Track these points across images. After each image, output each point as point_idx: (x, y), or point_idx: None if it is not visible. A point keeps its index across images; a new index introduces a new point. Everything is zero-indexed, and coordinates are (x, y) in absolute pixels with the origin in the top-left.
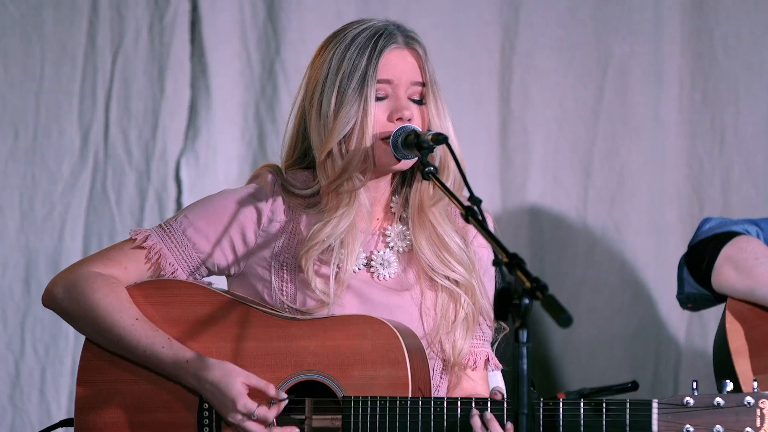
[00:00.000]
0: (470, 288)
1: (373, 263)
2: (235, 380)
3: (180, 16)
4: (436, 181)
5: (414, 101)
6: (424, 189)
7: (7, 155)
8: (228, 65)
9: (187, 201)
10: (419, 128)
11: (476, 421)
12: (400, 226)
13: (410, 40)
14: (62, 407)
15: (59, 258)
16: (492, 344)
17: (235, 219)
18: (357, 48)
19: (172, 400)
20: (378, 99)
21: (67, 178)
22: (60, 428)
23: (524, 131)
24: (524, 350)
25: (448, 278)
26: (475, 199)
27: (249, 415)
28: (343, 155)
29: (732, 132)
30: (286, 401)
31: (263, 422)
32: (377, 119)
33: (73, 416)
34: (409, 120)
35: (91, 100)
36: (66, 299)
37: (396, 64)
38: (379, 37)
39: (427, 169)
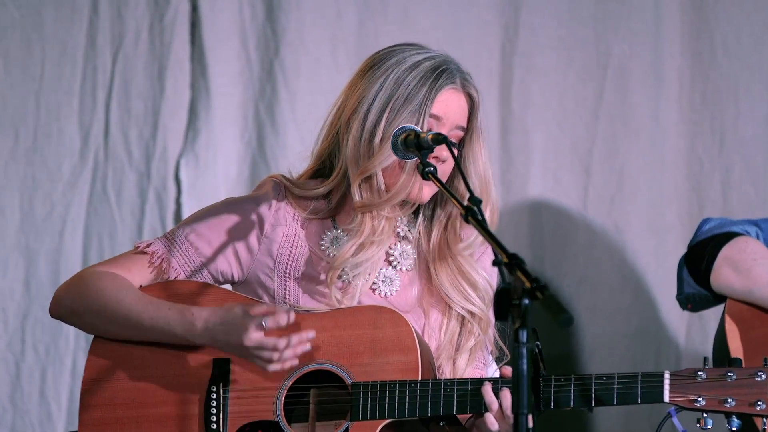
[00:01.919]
0: (485, 320)
1: (375, 280)
2: (237, 306)
3: (180, 17)
4: (435, 182)
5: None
6: (453, 232)
7: (7, 155)
8: (228, 66)
9: (186, 201)
10: (418, 128)
11: (488, 391)
12: (404, 246)
13: (466, 84)
14: (62, 407)
15: (59, 258)
16: (497, 361)
17: (238, 225)
18: (418, 76)
19: (177, 394)
20: None
21: (67, 178)
22: None
23: (524, 131)
24: (524, 350)
25: (463, 308)
26: (474, 200)
27: (261, 326)
28: (387, 182)
29: (732, 132)
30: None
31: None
32: None
33: (75, 417)
34: (443, 162)
35: (91, 101)
36: (71, 297)
37: (449, 104)
38: (442, 72)
39: (426, 169)
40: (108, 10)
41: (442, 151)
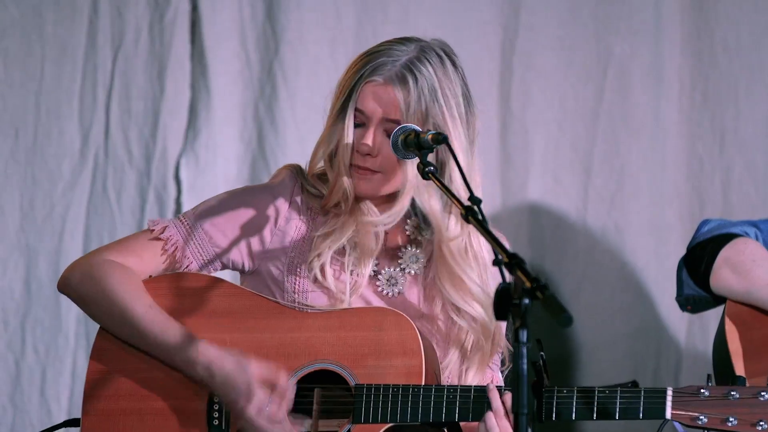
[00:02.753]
0: (486, 328)
1: (380, 278)
2: (247, 372)
3: (180, 16)
4: (436, 181)
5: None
6: (443, 224)
7: (7, 155)
8: (228, 65)
9: (186, 201)
10: (418, 128)
11: (495, 395)
12: (414, 249)
13: (397, 79)
14: (62, 407)
15: (59, 258)
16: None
17: (253, 216)
18: (352, 70)
19: (182, 388)
20: (357, 125)
21: (67, 178)
22: (63, 429)
23: (524, 131)
24: (524, 350)
25: (466, 312)
26: (475, 199)
27: (261, 410)
28: (331, 171)
29: (732, 132)
30: (293, 392)
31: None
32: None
33: (75, 417)
34: (368, 154)
35: (91, 100)
36: (82, 284)
37: (370, 98)
38: (368, 68)
39: (427, 169)
40: (108, 10)
41: (362, 146)
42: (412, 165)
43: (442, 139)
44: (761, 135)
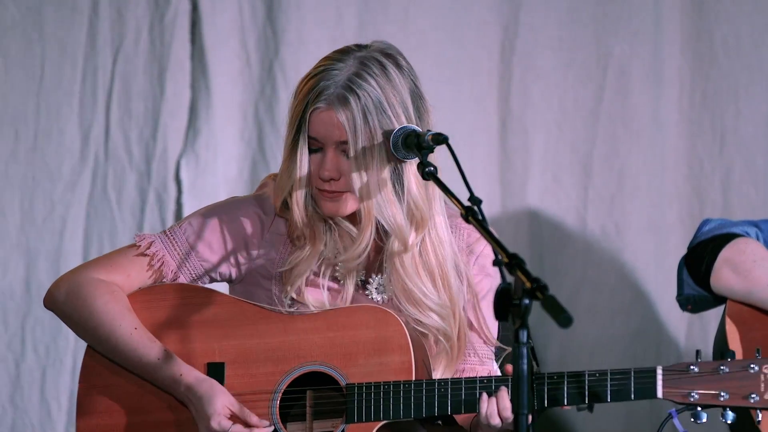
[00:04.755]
0: (446, 335)
1: (369, 286)
2: (218, 399)
3: (180, 16)
4: (436, 182)
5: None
6: (407, 237)
7: (7, 156)
8: (228, 65)
9: (187, 201)
10: (419, 129)
11: (483, 399)
12: None
13: (338, 102)
14: (62, 407)
15: (59, 258)
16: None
17: (239, 229)
18: (298, 98)
19: (174, 399)
20: (313, 151)
21: (67, 178)
22: None
23: (524, 132)
24: (524, 350)
25: (425, 324)
26: (475, 200)
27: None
28: (293, 203)
29: (732, 132)
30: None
31: None
32: (312, 172)
33: (74, 417)
34: (331, 179)
35: (91, 101)
36: (67, 303)
37: (319, 125)
38: (311, 94)
39: (427, 169)
40: (108, 10)
41: (324, 172)
42: (368, 183)
43: (442, 139)
44: (761, 135)
